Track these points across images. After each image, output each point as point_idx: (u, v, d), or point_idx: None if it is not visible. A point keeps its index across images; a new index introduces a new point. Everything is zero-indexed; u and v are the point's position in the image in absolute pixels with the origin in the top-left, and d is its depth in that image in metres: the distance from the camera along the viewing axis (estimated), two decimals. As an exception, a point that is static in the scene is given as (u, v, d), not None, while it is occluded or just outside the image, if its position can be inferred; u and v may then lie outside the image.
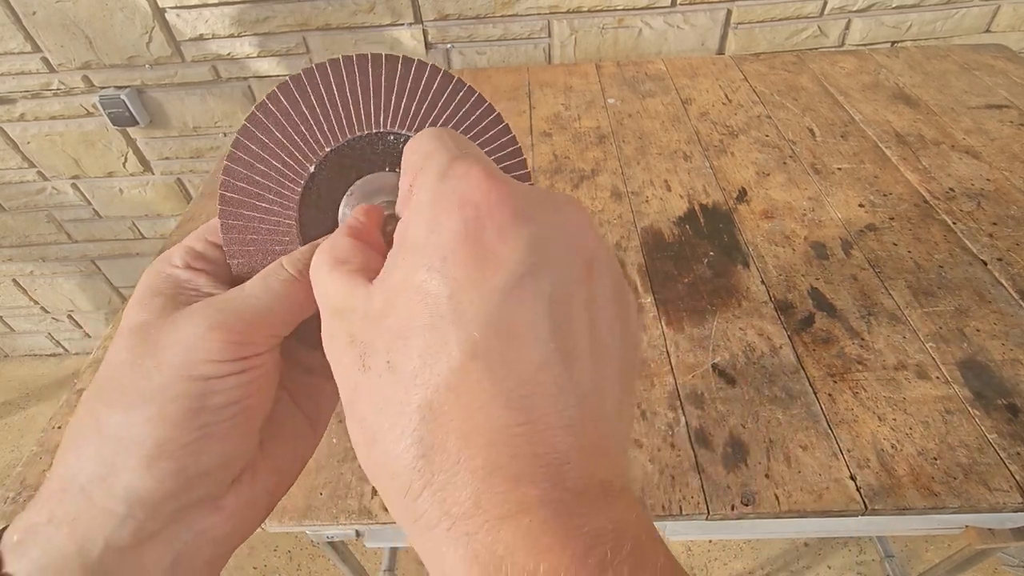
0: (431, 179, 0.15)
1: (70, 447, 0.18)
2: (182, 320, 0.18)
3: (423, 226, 0.15)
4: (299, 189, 0.21)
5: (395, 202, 0.19)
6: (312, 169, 0.21)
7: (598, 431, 0.14)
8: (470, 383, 0.13)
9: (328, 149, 0.21)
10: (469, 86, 0.22)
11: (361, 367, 0.15)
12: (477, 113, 0.22)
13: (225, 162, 0.21)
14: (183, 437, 0.18)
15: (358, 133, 0.21)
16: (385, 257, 0.16)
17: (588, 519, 0.13)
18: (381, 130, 0.21)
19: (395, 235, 0.16)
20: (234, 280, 0.21)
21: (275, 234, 0.21)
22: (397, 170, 0.21)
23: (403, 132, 0.21)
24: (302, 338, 0.21)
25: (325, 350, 0.17)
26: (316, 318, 0.19)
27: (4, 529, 0.18)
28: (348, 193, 0.21)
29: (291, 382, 0.22)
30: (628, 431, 0.16)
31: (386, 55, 0.21)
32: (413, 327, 0.14)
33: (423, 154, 0.16)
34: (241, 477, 0.20)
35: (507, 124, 0.22)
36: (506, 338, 0.14)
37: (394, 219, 0.18)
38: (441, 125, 0.21)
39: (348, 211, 0.21)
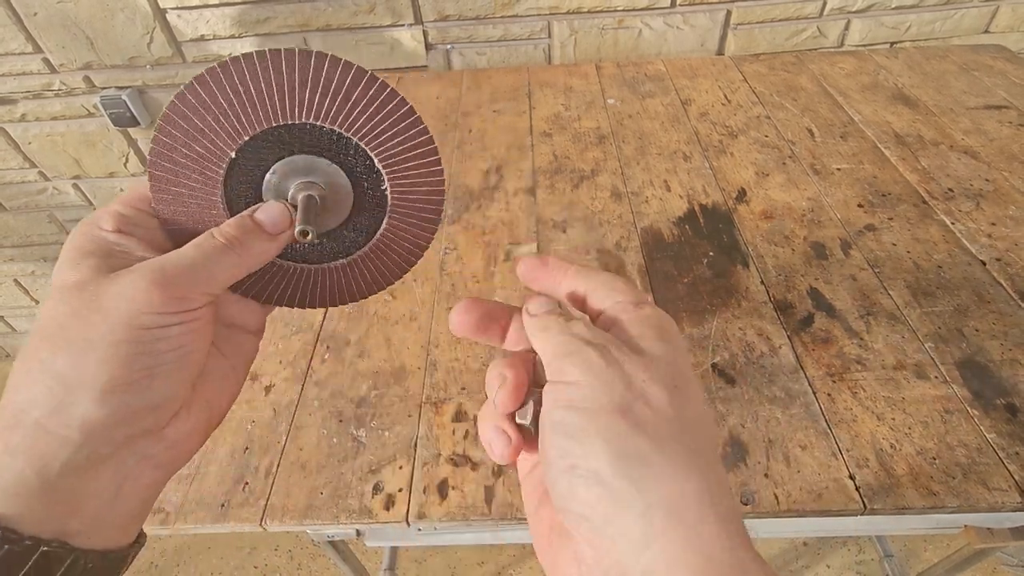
0: (663, 320, 0.22)
1: (19, 387, 0.21)
2: (123, 278, 0.21)
3: (675, 354, 0.21)
4: (222, 171, 0.25)
5: (314, 183, 0.25)
6: (233, 155, 0.24)
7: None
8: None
9: (247, 137, 0.24)
10: (382, 80, 0.25)
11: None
12: (389, 107, 0.25)
13: (152, 144, 0.24)
14: (131, 376, 0.21)
15: (276, 124, 0.24)
16: None
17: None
18: (296, 122, 0.24)
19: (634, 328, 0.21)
20: (164, 246, 0.24)
21: (204, 207, 0.25)
22: (310, 154, 0.25)
23: (316, 123, 0.25)
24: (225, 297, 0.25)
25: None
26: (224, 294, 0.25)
27: None
28: (271, 171, 0.25)
29: (215, 334, 0.25)
30: None
31: (301, 50, 0.24)
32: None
33: (638, 291, 0.23)
34: (179, 412, 0.23)
35: (419, 117, 0.26)
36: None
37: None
38: (353, 118, 0.25)
39: (271, 185, 0.25)
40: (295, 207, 0.25)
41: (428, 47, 1.06)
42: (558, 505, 0.19)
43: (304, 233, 0.23)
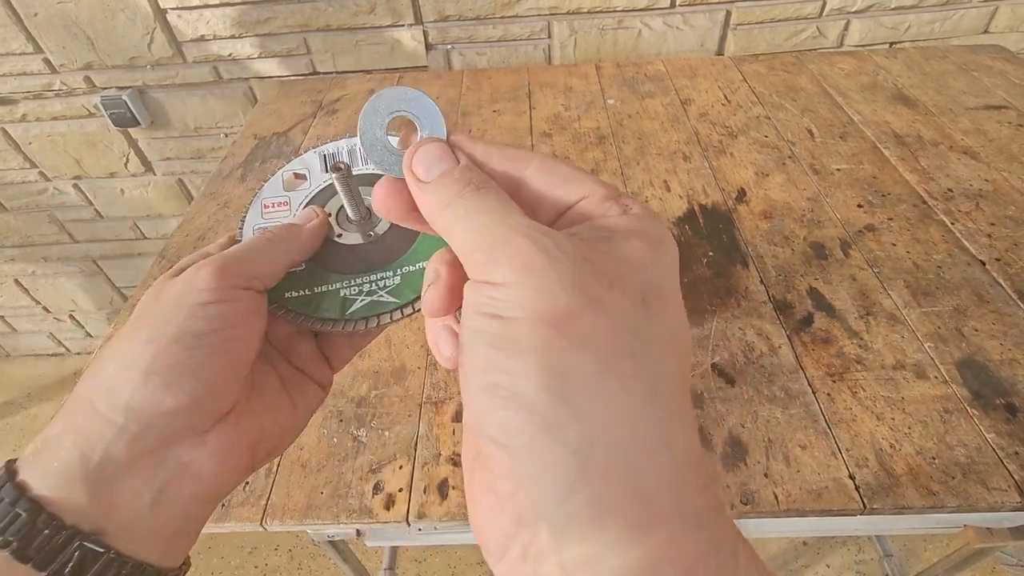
0: (659, 226, 0.18)
1: (89, 373, 0.22)
2: (182, 275, 0.23)
3: (667, 261, 0.18)
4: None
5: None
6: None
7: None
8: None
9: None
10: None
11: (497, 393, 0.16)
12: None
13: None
14: (171, 356, 0.21)
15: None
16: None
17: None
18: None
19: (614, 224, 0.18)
20: None
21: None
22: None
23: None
24: (292, 345, 0.27)
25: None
26: (303, 336, 0.27)
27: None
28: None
29: (282, 370, 0.27)
30: None
31: None
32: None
33: (594, 179, 0.19)
34: (226, 418, 0.23)
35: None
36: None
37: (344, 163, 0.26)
38: None
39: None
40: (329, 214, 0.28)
41: (428, 47, 1.06)
42: (474, 426, 0.16)
43: (336, 167, 0.25)
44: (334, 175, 0.26)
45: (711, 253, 0.68)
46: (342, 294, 0.27)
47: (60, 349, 1.72)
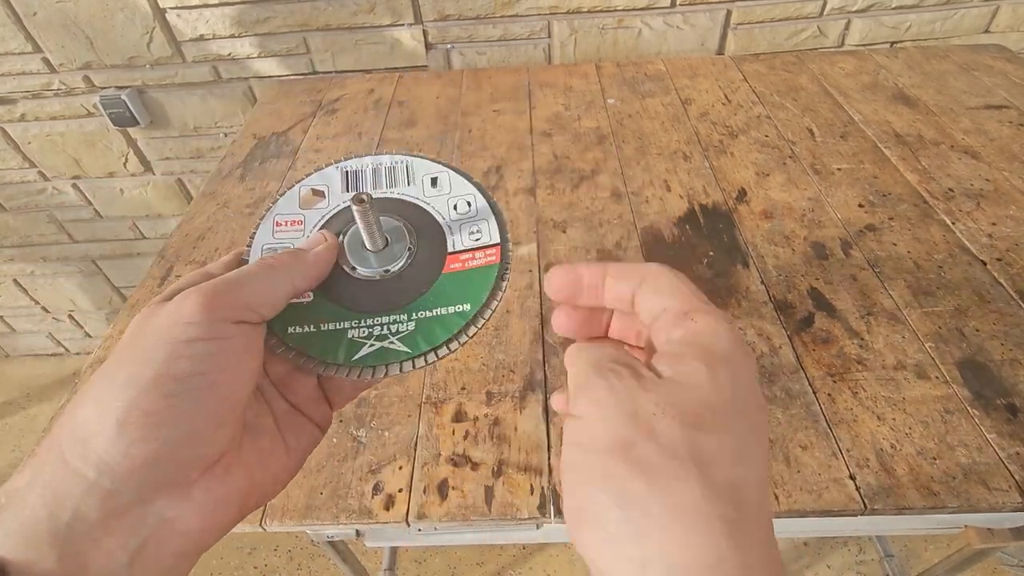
0: (723, 325, 0.19)
1: (63, 416, 0.20)
2: (170, 302, 0.21)
3: (729, 381, 0.18)
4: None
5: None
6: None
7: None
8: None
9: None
10: None
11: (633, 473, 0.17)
12: None
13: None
14: (149, 403, 0.19)
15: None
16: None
17: None
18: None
19: (679, 343, 0.19)
20: None
21: None
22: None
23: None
24: (290, 383, 0.25)
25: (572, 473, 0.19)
26: (304, 373, 0.24)
27: None
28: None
29: (278, 409, 0.24)
30: None
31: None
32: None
33: (691, 292, 0.20)
34: (213, 469, 0.21)
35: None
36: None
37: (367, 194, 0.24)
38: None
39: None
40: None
41: (428, 47, 1.06)
42: (572, 530, 0.18)
43: (359, 199, 0.24)
44: (355, 207, 0.23)
45: (711, 253, 0.67)
46: (350, 335, 0.24)
47: (59, 349, 1.72)
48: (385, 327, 0.24)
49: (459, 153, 0.86)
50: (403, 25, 1.03)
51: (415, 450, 0.52)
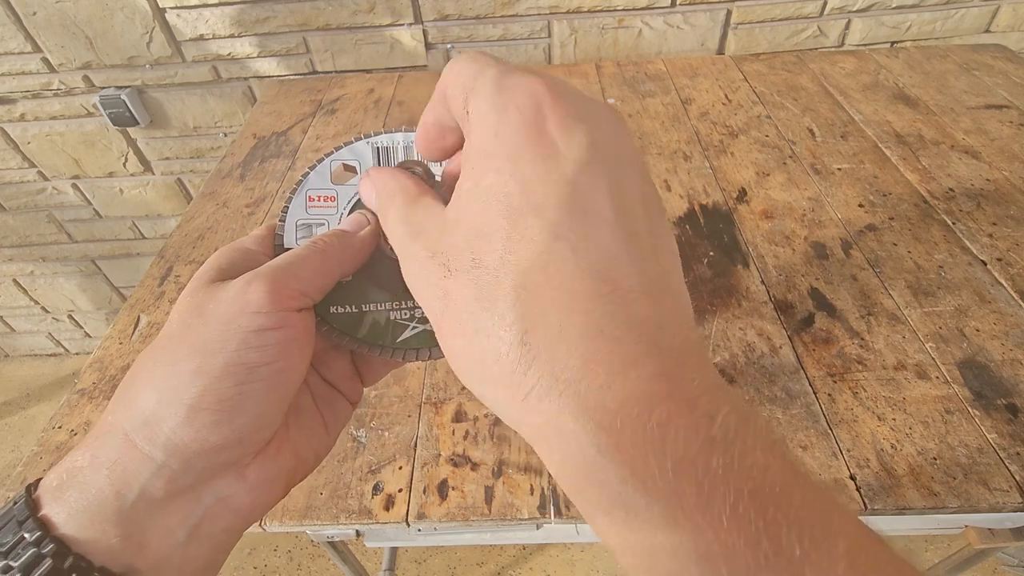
0: (488, 92, 0.17)
1: (120, 398, 0.20)
2: (229, 283, 0.21)
3: (487, 134, 0.16)
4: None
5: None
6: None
7: (674, 302, 0.15)
8: (557, 261, 0.15)
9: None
10: None
11: (447, 273, 0.16)
12: None
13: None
14: (222, 391, 0.19)
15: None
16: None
17: (693, 373, 0.14)
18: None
19: (462, 154, 0.18)
20: None
21: None
22: None
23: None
24: (324, 359, 0.25)
25: (407, 281, 0.18)
26: (338, 350, 0.24)
27: (39, 480, 0.20)
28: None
29: (315, 386, 0.24)
30: (691, 315, 0.17)
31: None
32: (492, 223, 0.15)
33: (470, 75, 0.18)
34: (266, 450, 0.21)
35: None
36: (581, 218, 0.15)
37: (421, 164, 0.22)
38: None
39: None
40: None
41: (428, 46, 1.05)
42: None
43: (410, 168, 0.23)
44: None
45: (712, 253, 0.67)
46: (391, 317, 0.24)
47: (59, 349, 1.72)
48: None
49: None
50: (403, 25, 1.02)
51: (415, 450, 0.52)
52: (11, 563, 0.17)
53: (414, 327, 0.24)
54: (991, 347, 0.55)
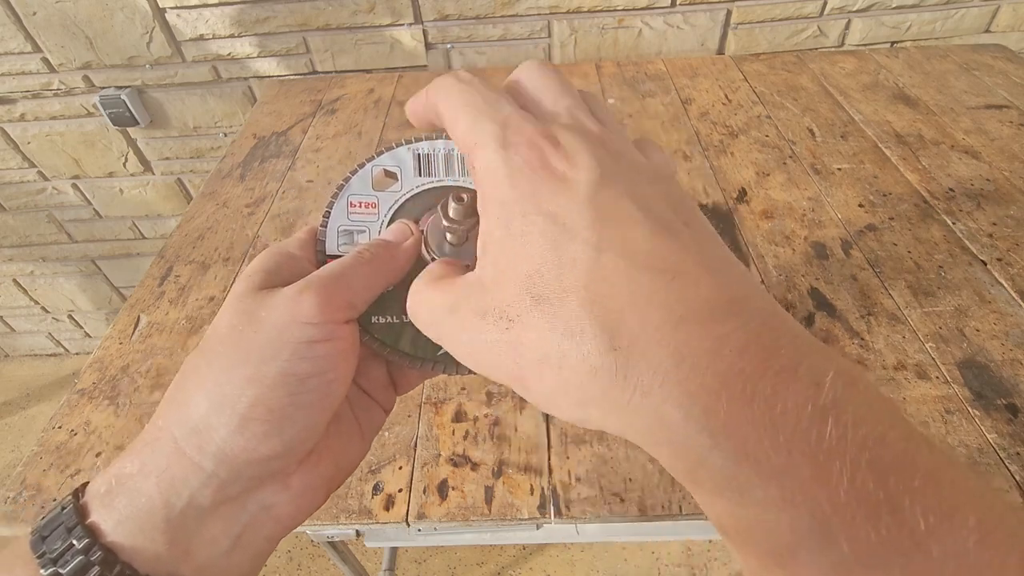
0: (492, 150, 0.17)
1: (170, 401, 0.20)
2: (281, 290, 0.21)
3: (502, 186, 0.17)
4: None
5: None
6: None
7: (735, 272, 0.16)
8: (611, 270, 0.15)
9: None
10: None
11: (508, 324, 0.16)
12: None
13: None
14: (274, 400, 0.19)
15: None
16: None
17: (782, 337, 0.14)
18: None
19: (478, 204, 0.18)
20: None
21: None
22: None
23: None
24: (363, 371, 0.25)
25: (455, 347, 0.18)
26: (375, 358, 0.24)
27: (85, 484, 0.20)
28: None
29: (352, 394, 0.25)
30: (755, 280, 0.17)
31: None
32: (537, 259, 0.16)
33: (469, 123, 0.18)
34: (309, 458, 0.21)
35: None
36: (613, 227, 0.15)
37: (468, 190, 0.22)
38: None
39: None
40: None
41: (428, 47, 1.06)
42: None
43: (459, 198, 0.23)
44: (453, 204, 0.23)
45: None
46: None
47: (59, 349, 1.72)
48: None
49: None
50: (403, 25, 1.02)
51: (415, 450, 0.52)
52: (60, 570, 0.18)
53: None
54: (991, 347, 0.55)
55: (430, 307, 0.19)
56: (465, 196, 0.23)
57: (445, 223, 0.24)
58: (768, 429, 0.13)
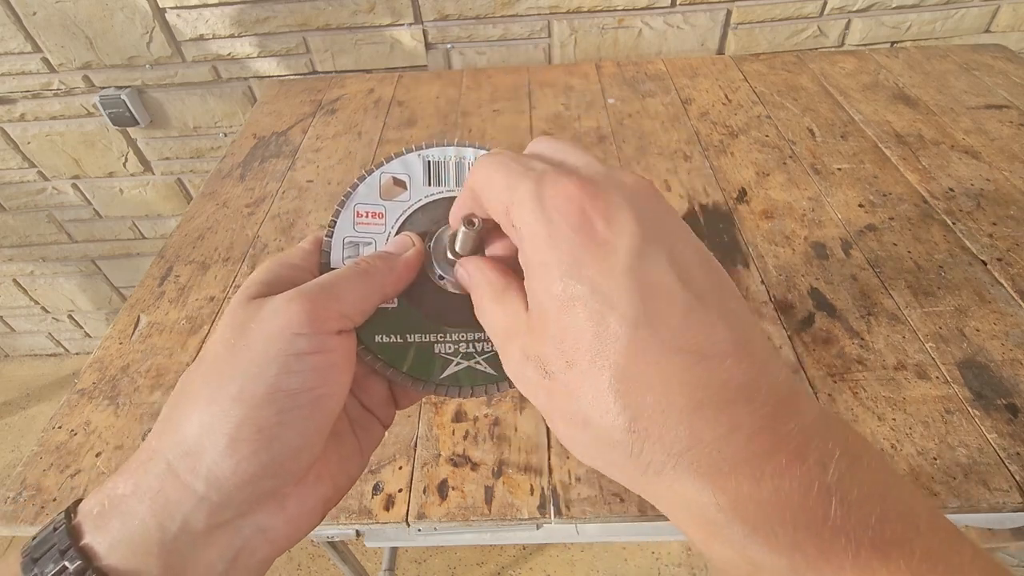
0: (530, 207, 0.18)
1: (165, 421, 0.20)
2: (269, 301, 0.20)
3: (543, 245, 0.17)
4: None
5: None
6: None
7: (757, 349, 0.16)
8: (644, 350, 0.16)
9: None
10: None
11: (544, 375, 0.17)
12: None
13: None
14: (261, 419, 0.19)
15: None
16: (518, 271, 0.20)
17: (790, 421, 0.15)
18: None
19: (520, 261, 0.19)
20: None
21: None
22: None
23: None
24: (362, 387, 0.24)
25: (505, 366, 0.20)
26: (376, 375, 0.24)
27: (77, 502, 0.19)
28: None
29: (352, 411, 0.24)
30: (776, 354, 0.18)
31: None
32: (575, 327, 0.17)
33: (504, 186, 0.19)
34: (306, 479, 0.21)
35: None
36: (651, 302, 0.16)
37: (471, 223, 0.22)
38: None
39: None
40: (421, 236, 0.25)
41: (428, 46, 1.06)
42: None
43: (470, 222, 0.22)
44: (464, 228, 0.22)
45: (712, 253, 0.67)
46: (436, 350, 0.23)
47: (59, 349, 1.72)
48: (471, 344, 0.24)
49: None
50: (403, 25, 1.02)
51: (415, 450, 0.52)
52: None
53: (458, 363, 0.23)
54: (991, 347, 0.55)
55: (492, 325, 0.20)
56: (476, 220, 0.22)
57: (450, 255, 0.23)
58: (777, 508, 0.14)
